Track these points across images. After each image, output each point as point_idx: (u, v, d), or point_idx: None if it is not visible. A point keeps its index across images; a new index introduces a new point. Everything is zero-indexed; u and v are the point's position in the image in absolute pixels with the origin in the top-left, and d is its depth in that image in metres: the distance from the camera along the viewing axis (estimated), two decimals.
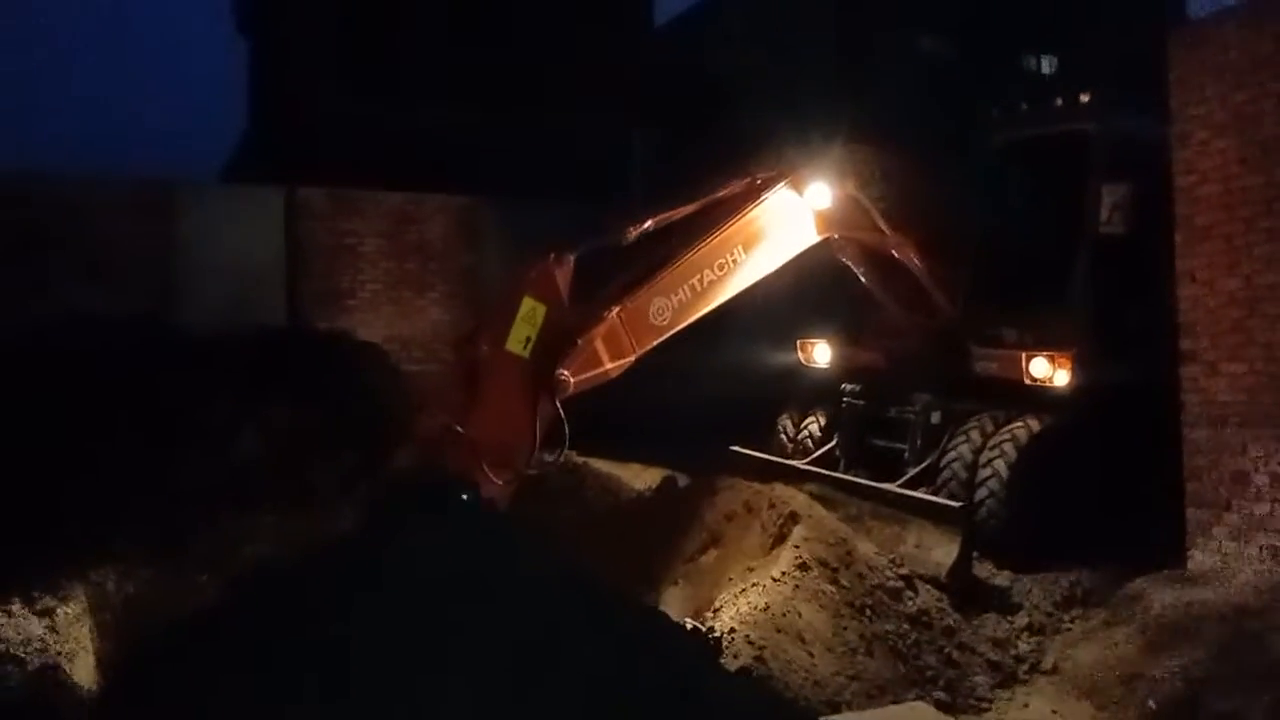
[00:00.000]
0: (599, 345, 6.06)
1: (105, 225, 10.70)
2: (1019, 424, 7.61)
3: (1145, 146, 7.84)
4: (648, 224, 6.45)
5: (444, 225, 12.49)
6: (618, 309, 6.14)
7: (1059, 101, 8.54)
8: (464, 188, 12.76)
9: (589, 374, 6.05)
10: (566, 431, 5.91)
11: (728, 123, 18.81)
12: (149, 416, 8.35)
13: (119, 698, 3.92)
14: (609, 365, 6.14)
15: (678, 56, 20.32)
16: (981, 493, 7.46)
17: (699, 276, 6.44)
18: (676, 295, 6.36)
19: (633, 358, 6.22)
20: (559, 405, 5.84)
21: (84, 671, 5.42)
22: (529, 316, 5.78)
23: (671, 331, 6.38)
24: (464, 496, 4.86)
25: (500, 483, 5.43)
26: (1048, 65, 22.11)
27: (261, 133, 21.60)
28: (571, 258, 5.99)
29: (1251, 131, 6.64)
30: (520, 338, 5.78)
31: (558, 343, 5.91)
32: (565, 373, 5.87)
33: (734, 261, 6.54)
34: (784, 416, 9.59)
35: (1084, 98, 8.30)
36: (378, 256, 12.11)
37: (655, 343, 6.33)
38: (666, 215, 6.56)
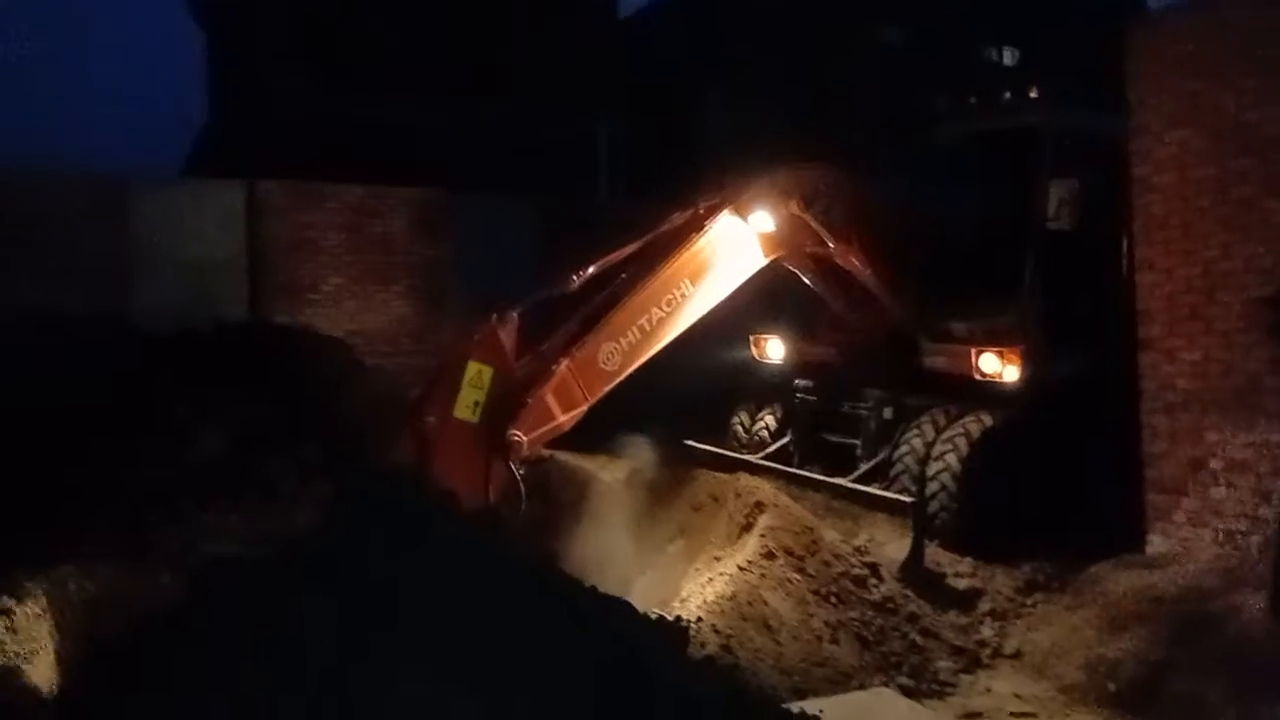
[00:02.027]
0: (550, 399, 6.03)
1: (60, 221, 10.53)
2: (970, 419, 7.68)
3: (1093, 141, 7.93)
4: (591, 268, 6.40)
5: (407, 218, 12.42)
6: (566, 361, 6.10)
7: (1007, 95, 8.61)
8: (427, 181, 12.70)
9: (542, 429, 6.03)
10: (523, 490, 5.92)
11: (693, 115, 18.86)
12: (108, 414, 8.23)
13: (80, 697, 3.86)
14: (562, 418, 6.11)
15: (643, 48, 20.31)
16: (933, 487, 7.53)
17: (647, 316, 6.38)
18: (625, 338, 6.30)
19: (585, 407, 6.19)
20: (513, 466, 5.84)
21: (44, 672, 5.34)
22: (475, 380, 5.76)
23: (624, 375, 6.33)
24: None
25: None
26: (1009, 57, 22.33)
27: (221, 126, 21.35)
28: (514, 315, 5.97)
29: (1207, 121, 6.74)
30: (469, 403, 5.76)
31: (507, 402, 5.89)
32: (518, 433, 5.86)
33: (682, 296, 6.50)
34: (738, 411, 9.62)
35: (1032, 92, 8.36)
36: (340, 250, 12.03)
37: (608, 388, 6.29)
38: (610, 257, 6.52)
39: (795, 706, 4.34)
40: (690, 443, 8.89)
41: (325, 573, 3.03)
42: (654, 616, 5.84)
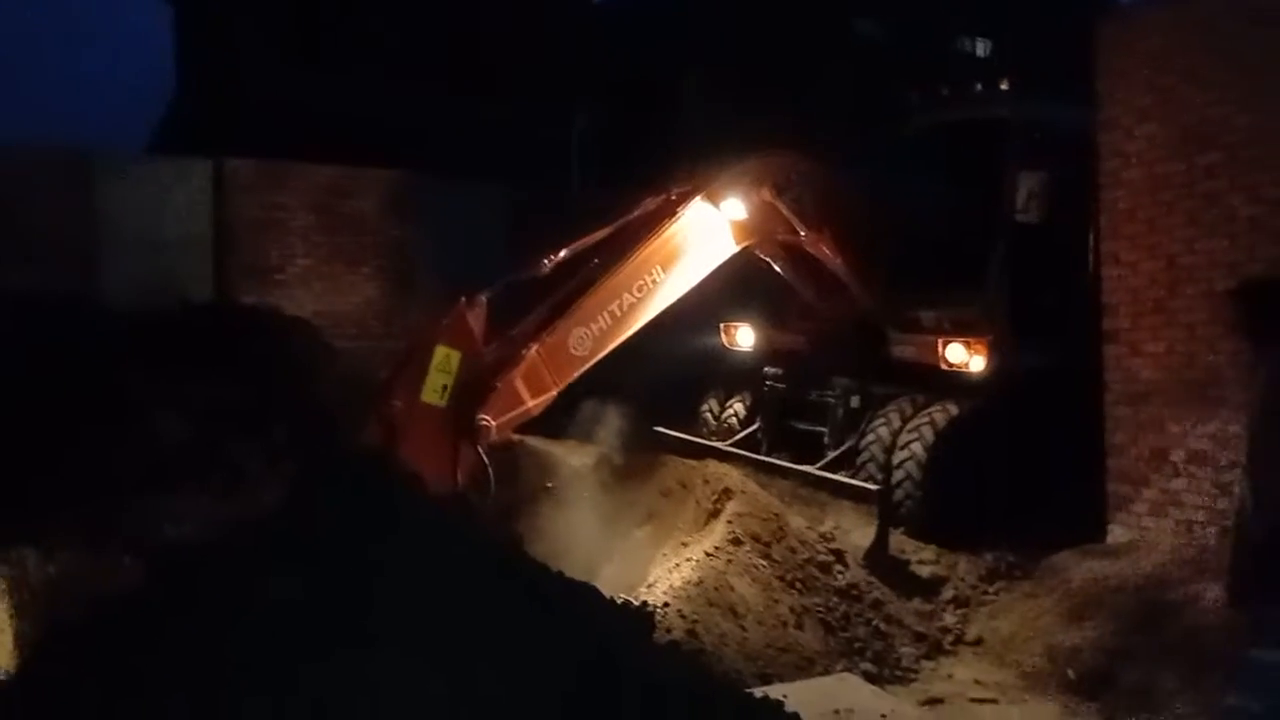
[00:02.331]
0: (519, 384, 6.02)
1: (20, 197, 10.35)
2: (936, 408, 7.75)
3: (1063, 134, 7.99)
4: (563, 253, 6.38)
5: (377, 200, 12.32)
6: (536, 346, 6.09)
7: (978, 87, 8.65)
8: (399, 163, 12.60)
9: (511, 414, 6.02)
10: (491, 475, 5.92)
11: (668, 105, 18.83)
12: (71, 395, 8.13)
13: (39, 679, 3.81)
14: (531, 403, 6.10)
15: (619, 38, 20.25)
16: (899, 475, 7.59)
17: (618, 301, 6.38)
18: (596, 323, 6.30)
19: (555, 392, 6.19)
20: (481, 450, 5.82)
21: (2, 652, 5.30)
22: (443, 365, 5.73)
23: (594, 360, 6.33)
24: None
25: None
26: (982, 48, 22.46)
27: (191, 102, 21.08)
28: (484, 299, 5.94)
29: (1174, 117, 6.81)
30: (436, 387, 5.73)
31: (476, 386, 5.87)
32: (486, 417, 5.84)
33: (653, 282, 6.50)
34: (708, 399, 9.65)
35: (1003, 84, 8.40)
36: (309, 230, 11.91)
37: (578, 374, 6.30)
38: (581, 242, 6.50)
39: (759, 692, 4.36)
40: (660, 429, 8.91)
41: (289, 555, 3.01)
42: (620, 601, 5.88)
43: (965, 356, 7.69)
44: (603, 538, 7.36)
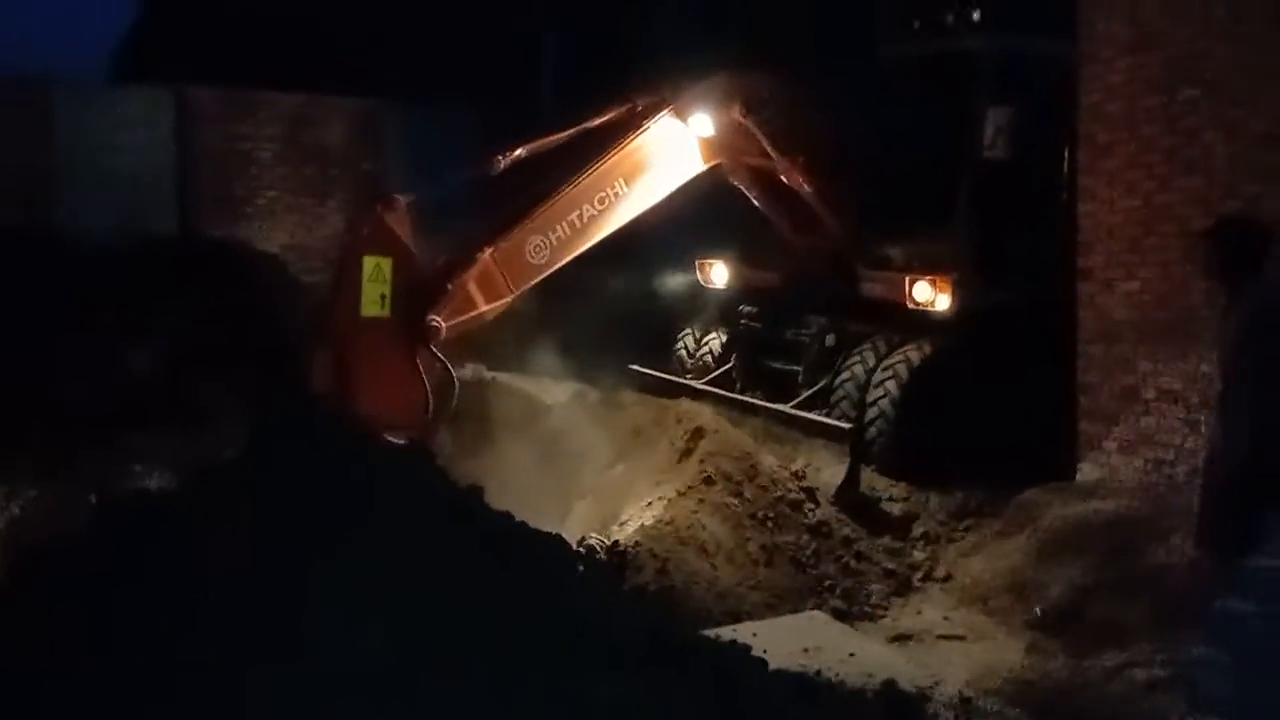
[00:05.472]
0: (472, 287, 5.92)
1: None
2: (911, 346, 7.68)
3: (1034, 68, 7.82)
4: (519, 152, 6.22)
5: (344, 129, 12.04)
6: (491, 249, 5.97)
7: (949, 18, 8.42)
8: (366, 89, 12.27)
9: (463, 317, 5.92)
10: (454, 375, 5.84)
11: (640, 28, 18.41)
12: (32, 332, 8.00)
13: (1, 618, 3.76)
14: (484, 307, 6.00)
15: None
16: (872, 413, 7.55)
17: (578, 212, 6.25)
18: (555, 232, 6.19)
19: (510, 298, 6.09)
20: (436, 351, 5.73)
21: None
22: (375, 275, 5.59)
23: (551, 270, 6.24)
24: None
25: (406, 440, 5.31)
26: None
27: (151, 27, 20.46)
28: (403, 200, 5.76)
29: (1157, 50, 6.66)
30: (374, 298, 5.59)
31: (421, 288, 5.75)
32: (437, 318, 5.74)
33: (615, 195, 6.38)
34: (684, 335, 9.57)
35: (974, 15, 8.18)
36: (275, 161, 11.64)
37: (533, 282, 6.21)
38: (539, 143, 6.35)
39: (729, 630, 4.38)
40: (635, 366, 8.85)
41: (238, 498, 2.95)
42: (590, 543, 5.88)
43: (931, 294, 7.60)
44: (576, 475, 7.34)
